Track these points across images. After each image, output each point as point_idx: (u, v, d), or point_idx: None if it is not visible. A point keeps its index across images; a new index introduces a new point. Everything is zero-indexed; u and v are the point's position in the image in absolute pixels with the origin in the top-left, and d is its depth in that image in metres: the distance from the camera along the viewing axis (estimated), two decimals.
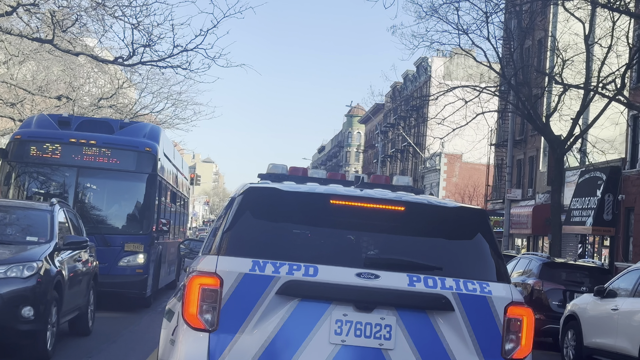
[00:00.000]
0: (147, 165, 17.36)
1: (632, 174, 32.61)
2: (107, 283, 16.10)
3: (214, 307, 5.26)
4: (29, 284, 10.09)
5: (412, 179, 6.80)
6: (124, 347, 12.44)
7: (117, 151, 17.19)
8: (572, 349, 15.32)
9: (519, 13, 30.00)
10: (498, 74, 30.45)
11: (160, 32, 29.54)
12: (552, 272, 18.41)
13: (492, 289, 5.50)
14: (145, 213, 17.36)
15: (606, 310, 14.18)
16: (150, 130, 18.61)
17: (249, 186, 5.82)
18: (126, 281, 16.78)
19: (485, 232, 5.80)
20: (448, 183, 67.26)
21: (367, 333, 5.29)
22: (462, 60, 41.59)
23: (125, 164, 17.23)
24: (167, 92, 43.13)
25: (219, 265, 5.35)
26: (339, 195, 5.71)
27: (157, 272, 18.78)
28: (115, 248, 16.71)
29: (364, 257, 5.53)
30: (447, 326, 5.37)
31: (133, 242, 16.81)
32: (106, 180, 17.45)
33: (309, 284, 5.27)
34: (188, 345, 5.28)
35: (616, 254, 33.52)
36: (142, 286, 17.12)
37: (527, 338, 5.55)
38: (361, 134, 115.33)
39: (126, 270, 16.77)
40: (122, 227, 17.38)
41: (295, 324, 5.25)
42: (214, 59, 21.21)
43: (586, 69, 27.96)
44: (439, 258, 5.63)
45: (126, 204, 17.77)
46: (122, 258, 16.70)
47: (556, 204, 28.44)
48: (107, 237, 16.70)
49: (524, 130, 45.61)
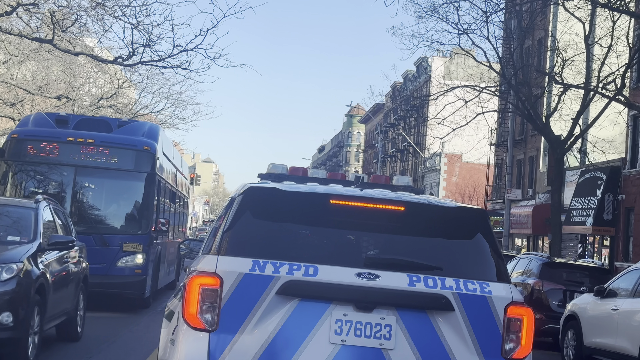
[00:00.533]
0: (146, 164, 17.14)
1: (632, 173, 32.60)
2: (105, 284, 15.92)
3: (214, 307, 5.25)
4: (7, 288, 9.34)
5: (412, 179, 6.92)
6: (124, 346, 12.42)
7: (116, 150, 16.95)
8: (572, 348, 15.32)
9: (519, 13, 30.00)
10: (498, 73, 30.45)
11: (160, 32, 29.49)
12: (552, 272, 18.40)
13: (492, 289, 5.48)
14: (144, 212, 17.10)
15: (606, 310, 14.17)
16: (149, 129, 18.35)
17: (249, 186, 5.81)
18: (125, 282, 16.52)
19: (485, 232, 5.79)
20: (448, 183, 67.25)
21: (367, 333, 5.28)
22: (462, 60, 41.61)
23: (123, 162, 16.98)
24: (167, 92, 43.18)
25: (219, 265, 5.34)
26: (338, 195, 5.70)
27: (156, 273, 18.51)
28: (113, 248, 16.44)
29: (364, 257, 5.52)
30: (447, 326, 5.36)
31: (132, 242, 16.56)
32: (104, 179, 17.21)
33: (309, 284, 5.26)
34: (188, 345, 5.27)
35: (616, 254, 33.51)
36: (141, 287, 16.84)
37: (527, 338, 5.53)
38: (361, 134, 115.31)
39: (125, 271, 16.50)
40: (121, 226, 17.14)
41: (296, 324, 5.24)
42: (214, 59, 21.21)
43: (586, 69, 27.95)
44: (439, 258, 5.61)
45: (124, 203, 17.51)
46: (121, 258, 16.42)
47: (556, 203, 28.43)
48: (106, 237, 16.46)
49: (524, 130, 45.60)
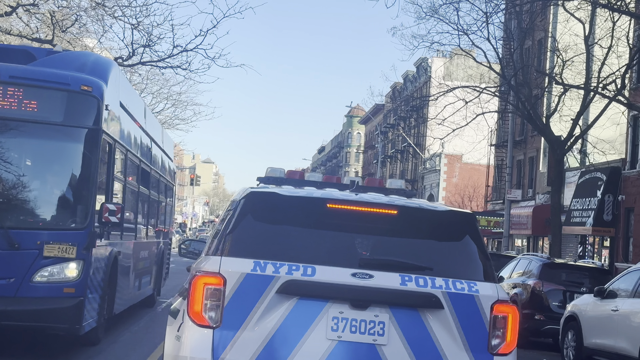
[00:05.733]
0: (85, 114, 10.77)
1: (632, 174, 32.56)
2: (10, 313, 10.00)
3: (217, 305, 5.56)
4: None
5: (404, 182, 7.40)
6: (125, 346, 12.40)
7: (34, 91, 10.63)
8: (572, 349, 15.30)
9: (519, 13, 29.98)
10: (498, 74, 30.42)
11: (160, 33, 29.44)
12: (552, 272, 18.36)
13: (479, 288, 5.80)
14: (81, 193, 10.73)
15: (606, 311, 14.15)
16: (93, 61, 11.91)
17: (250, 191, 6.15)
18: (45, 308, 10.16)
19: (473, 234, 6.11)
20: (448, 184, 67.19)
21: (362, 329, 5.60)
22: (462, 61, 41.58)
23: (47, 111, 10.64)
24: (167, 92, 43.22)
25: (222, 266, 5.65)
26: (335, 200, 6.04)
27: (110, 290, 12.30)
28: (26, 252, 10.19)
29: (359, 258, 5.83)
30: (437, 323, 5.68)
31: (59, 241, 10.28)
32: (14, 138, 10.69)
33: (307, 284, 5.57)
34: (193, 340, 5.59)
35: (616, 255, 33.48)
36: (75, 315, 10.39)
37: (512, 334, 5.84)
38: (361, 135, 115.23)
39: (46, 290, 10.22)
40: (40, 216, 10.78)
41: (294, 321, 5.56)
42: (214, 59, 21.27)
43: (586, 70, 27.92)
44: (430, 259, 5.93)
45: (48, 178, 11.07)
46: (40, 269, 10.19)
47: (556, 204, 28.40)
48: (13, 234, 10.19)
49: (523, 130, 45.57)
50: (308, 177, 6.99)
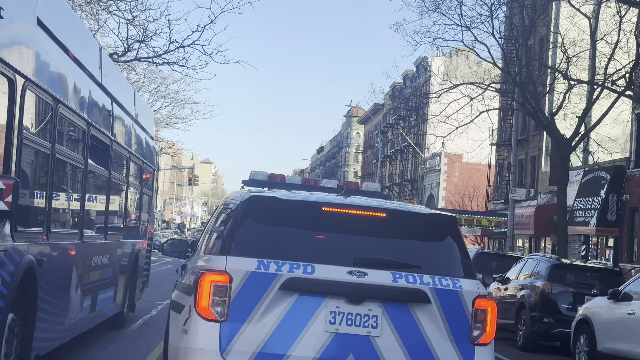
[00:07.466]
0: None
1: (637, 173, 32.22)
2: None
3: (224, 300, 6.01)
4: None
5: (380, 185, 7.82)
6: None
7: None
8: (584, 354, 14.76)
9: (522, 6, 29.53)
10: (502, 70, 29.97)
11: (156, 28, 28.97)
12: (561, 274, 17.78)
13: (462, 284, 6.36)
14: None
15: (621, 314, 13.67)
16: None
17: (251, 195, 6.63)
18: None
19: (454, 235, 6.70)
20: (448, 183, 66.81)
21: (357, 322, 6.14)
22: (462, 60, 41.11)
23: None
24: (164, 90, 42.76)
25: (228, 264, 6.11)
26: (328, 203, 6.57)
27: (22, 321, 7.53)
28: None
29: (354, 257, 6.32)
30: (425, 316, 6.23)
31: None
32: None
33: (307, 281, 6.08)
34: (201, 333, 6.03)
35: (620, 255, 33.10)
36: None
37: (491, 326, 6.39)
38: (360, 135, 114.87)
39: None
40: None
41: (295, 315, 6.08)
42: (212, 56, 20.75)
43: (592, 65, 27.47)
44: (417, 258, 6.53)
45: None
46: None
47: (562, 204, 27.91)
48: None
49: (525, 129, 45.13)
50: (288, 180, 7.69)
